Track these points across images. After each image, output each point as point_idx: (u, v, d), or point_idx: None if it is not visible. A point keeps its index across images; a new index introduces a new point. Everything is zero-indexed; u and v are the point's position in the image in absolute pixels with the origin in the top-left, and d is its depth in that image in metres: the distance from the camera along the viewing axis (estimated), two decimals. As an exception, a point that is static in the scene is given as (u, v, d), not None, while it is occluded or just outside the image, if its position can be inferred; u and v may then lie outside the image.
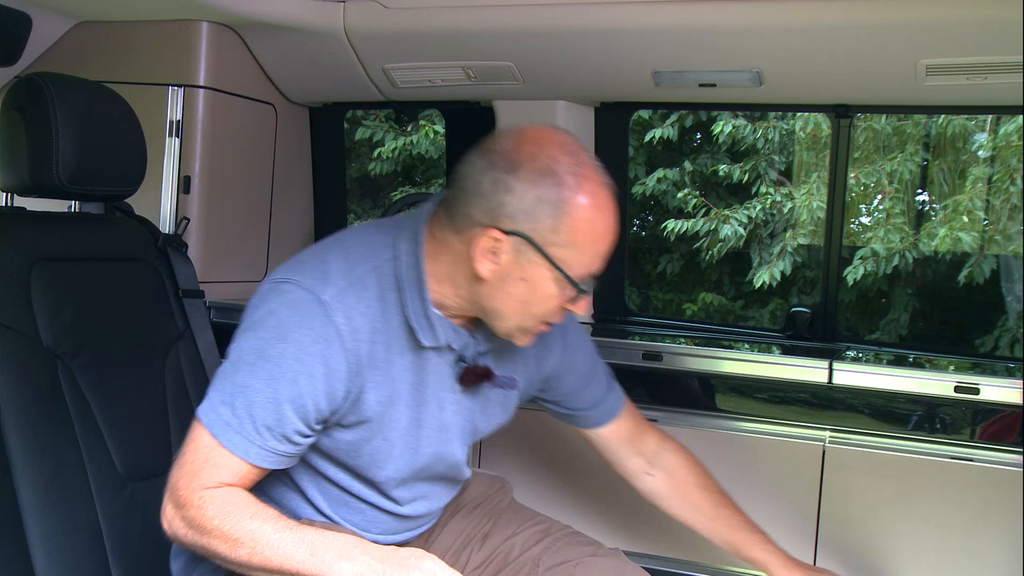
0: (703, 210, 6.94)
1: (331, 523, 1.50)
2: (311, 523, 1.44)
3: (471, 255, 1.36)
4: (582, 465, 2.28)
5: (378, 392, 1.40)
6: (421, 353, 1.44)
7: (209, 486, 1.33)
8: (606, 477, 2.25)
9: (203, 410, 1.36)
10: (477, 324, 1.49)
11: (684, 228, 6.87)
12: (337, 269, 1.38)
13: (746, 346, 2.45)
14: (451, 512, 1.71)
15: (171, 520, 1.35)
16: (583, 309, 1.43)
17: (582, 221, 1.33)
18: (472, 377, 1.50)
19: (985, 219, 6.17)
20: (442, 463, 1.53)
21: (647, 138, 6.98)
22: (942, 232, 6.14)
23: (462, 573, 1.33)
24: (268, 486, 1.47)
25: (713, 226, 6.81)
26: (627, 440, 1.80)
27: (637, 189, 7.07)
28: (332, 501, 1.51)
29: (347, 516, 1.52)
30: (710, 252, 6.85)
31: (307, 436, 1.38)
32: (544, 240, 1.33)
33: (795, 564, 1.75)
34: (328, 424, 1.41)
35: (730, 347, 2.38)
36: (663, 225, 6.99)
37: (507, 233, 1.33)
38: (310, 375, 1.33)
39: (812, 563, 2.12)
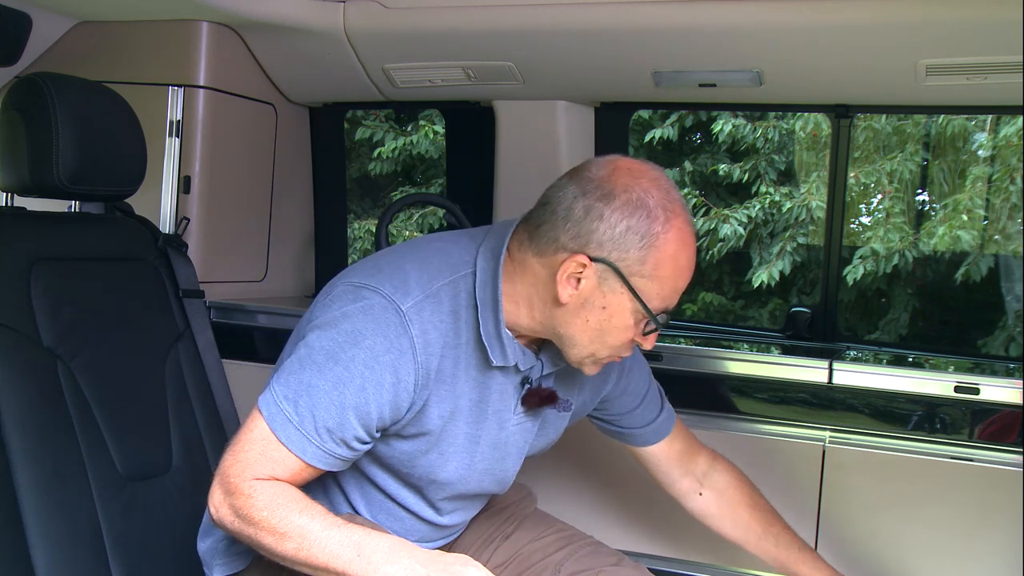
0: (703, 210, 6.94)
1: (373, 522, 1.50)
2: (352, 517, 1.44)
3: (554, 279, 1.37)
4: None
5: (441, 407, 1.40)
6: (487, 372, 1.43)
7: (260, 477, 1.33)
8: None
9: (265, 402, 1.35)
10: (543, 346, 1.49)
11: (683, 227, 6.85)
12: (417, 280, 1.37)
13: (746, 346, 2.45)
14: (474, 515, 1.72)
15: (219, 506, 1.35)
16: (652, 344, 1.44)
17: (667, 256, 1.35)
18: (536, 399, 1.50)
19: (985, 218, 6.16)
20: (491, 479, 1.54)
21: (647, 138, 6.98)
22: (941, 231, 6.14)
23: None
24: (311, 483, 1.47)
25: (713, 225, 6.82)
26: (677, 460, 1.79)
27: (637, 189, 7.05)
28: (374, 506, 1.51)
29: (385, 521, 1.52)
30: (710, 252, 6.85)
31: (365, 443, 1.39)
32: (630, 270, 1.35)
33: None
34: (387, 433, 1.41)
35: (730, 347, 2.38)
36: (663, 225, 6.97)
37: (593, 260, 1.34)
38: (378, 384, 1.33)
39: (812, 563, 2.12)
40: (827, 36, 2.01)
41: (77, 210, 2.00)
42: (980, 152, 6.28)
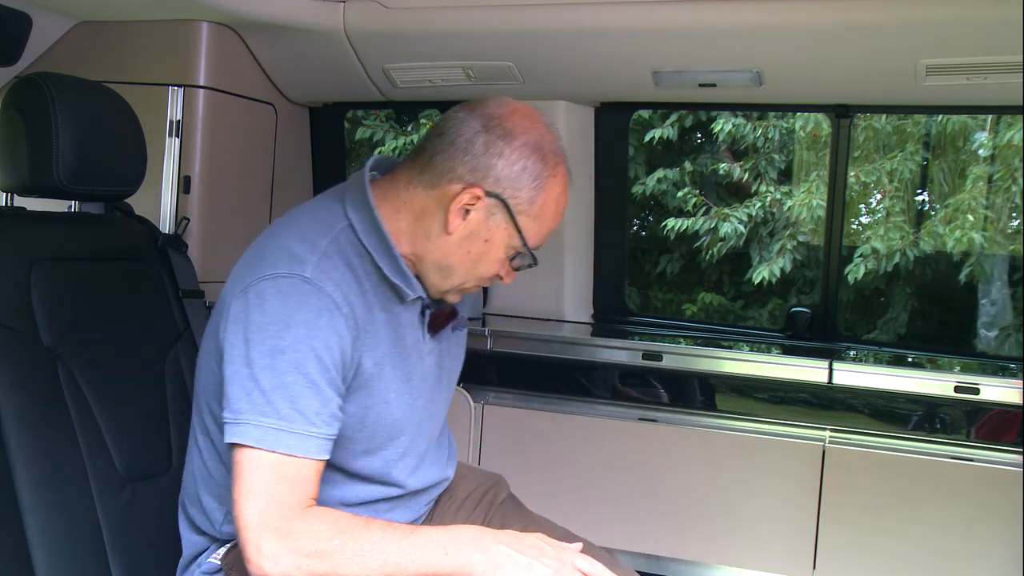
0: (703, 208, 6.94)
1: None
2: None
3: (446, 209, 1.42)
4: (579, 465, 2.28)
5: (373, 354, 1.43)
6: (394, 311, 1.48)
7: (304, 506, 1.30)
8: (601, 477, 2.26)
9: (240, 434, 1.31)
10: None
11: (684, 226, 6.87)
12: (303, 249, 1.40)
13: (746, 346, 2.45)
14: (448, 505, 1.72)
15: (275, 558, 1.26)
16: (512, 279, 1.51)
17: (552, 199, 1.43)
18: (442, 319, 1.56)
19: (986, 218, 6.17)
20: (428, 415, 1.57)
21: (647, 138, 6.98)
22: (956, 235, 6.10)
23: None
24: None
25: (713, 224, 6.82)
26: None
27: (637, 189, 7.07)
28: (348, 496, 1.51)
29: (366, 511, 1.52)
30: (710, 251, 6.85)
31: (342, 409, 1.40)
32: (519, 208, 1.42)
33: None
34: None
35: (730, 347, 2.38)
36: (663, 224, 6.99)
37: (488, 194, 1.40)
38: (328, 347, 1.35)
39: (812, 563, 2.12)
40: (827, 36, 2.01)
41: (77, 210, 2.00)
42: (980, 152, 6.28)
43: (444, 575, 1.27)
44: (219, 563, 1.53)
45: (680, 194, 7.04)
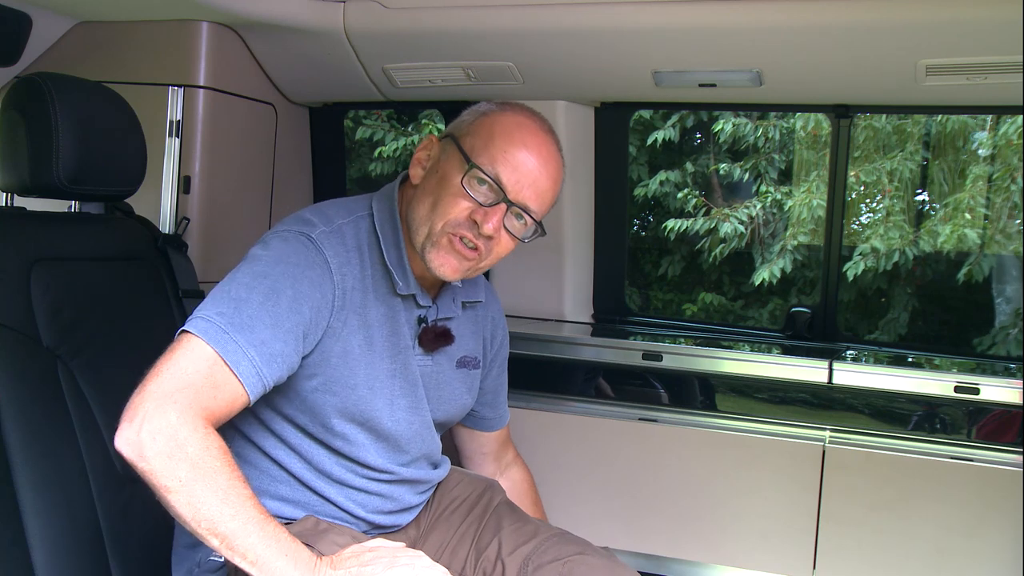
0: (703, 210, 6.95)
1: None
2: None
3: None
4: (579, 465, 2.28)
5: (357, 335, 1.49)
6: (393, 305, 1.55)
7: (204, 414, 1.29)
8: (601, 477, 2.26)
9: (194, 324, 1.35)
10: (438, 296, 1.63)
11: (684, 227, 6.87)
12: (318, 220, 1.50)
13: (746, 346, 2.45)
14: (442, 510, 1.73)
15: (155, 434, 1.24)
16: (492, 224, 1.48)
17: (496, 123, 1.54)
18: (431, 335, 1.60)
19: (986, 217, 6.17)
20: (420, 421, 1.60)
21: (649, 141, 6.98)
22: (948, 229, 6.11)
23: (448, 570, 1.34)
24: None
25: (713, 224, 6.82)
26: (498, 447, 1.93)
27: (639, 191, 7.07)
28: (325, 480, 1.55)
29: (350, 496, 1.56)
30: (712, 253, 6.85)
31: (290, 361, 1.41)
32: (459, 132, 1.56)
33: None
34: (311, 362, 1.45)
35: (730, 347, 2.38)
36: (664, 225, 6.99)
37: (440, 139, 1.59)
38: (307, 295, 1.42)
39: (812, 564, 2.12)
40: (827, 36, 2.01)
41: (77, 210, 2.00)
42: (980, 151, 6.28)
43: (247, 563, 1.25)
44: (220, 560, 1.53)
45: (681, 195, 7.04)
